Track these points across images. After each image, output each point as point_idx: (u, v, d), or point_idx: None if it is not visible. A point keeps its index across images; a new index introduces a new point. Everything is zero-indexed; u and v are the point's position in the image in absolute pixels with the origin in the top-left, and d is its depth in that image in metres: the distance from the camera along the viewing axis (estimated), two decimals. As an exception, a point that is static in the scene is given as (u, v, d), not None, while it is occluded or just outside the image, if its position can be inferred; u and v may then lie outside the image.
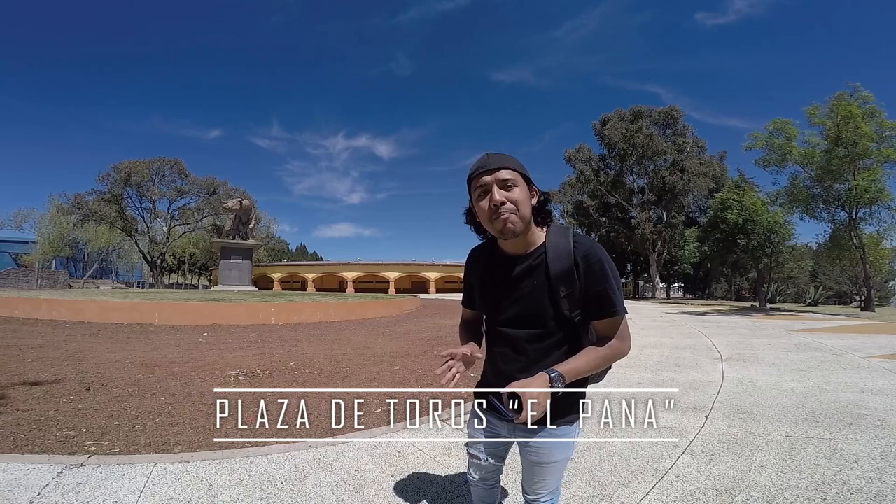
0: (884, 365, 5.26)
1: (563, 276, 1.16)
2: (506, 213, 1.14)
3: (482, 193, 1.18)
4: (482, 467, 1.42)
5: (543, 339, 1.21)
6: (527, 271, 1.21)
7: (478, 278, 1.32)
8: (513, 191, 1.15)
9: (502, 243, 1.25)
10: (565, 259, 1.17)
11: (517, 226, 1.15)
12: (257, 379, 4.97)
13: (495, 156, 1.19)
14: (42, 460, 2.49)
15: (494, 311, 1.29)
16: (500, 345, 1.29)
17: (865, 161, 16.05)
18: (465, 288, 1.44)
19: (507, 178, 1.15)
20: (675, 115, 31.50)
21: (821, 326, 9.94)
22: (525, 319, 1.22)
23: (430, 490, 2.23)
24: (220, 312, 11.78)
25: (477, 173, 1.18)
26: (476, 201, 1.20)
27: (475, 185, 1.19)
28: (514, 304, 1.23)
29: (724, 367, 5.25)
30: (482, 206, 1.18)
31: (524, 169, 1.20)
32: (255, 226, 28.37)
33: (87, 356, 6.28)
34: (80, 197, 40.18)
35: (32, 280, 35.40)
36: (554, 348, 1.21)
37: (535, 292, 1.19)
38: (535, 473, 1.32)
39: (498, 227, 1.16)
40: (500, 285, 1.26)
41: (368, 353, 6.81)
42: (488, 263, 1.29)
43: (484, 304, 1.33)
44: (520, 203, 1.15)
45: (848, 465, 2.48)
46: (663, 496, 2.16)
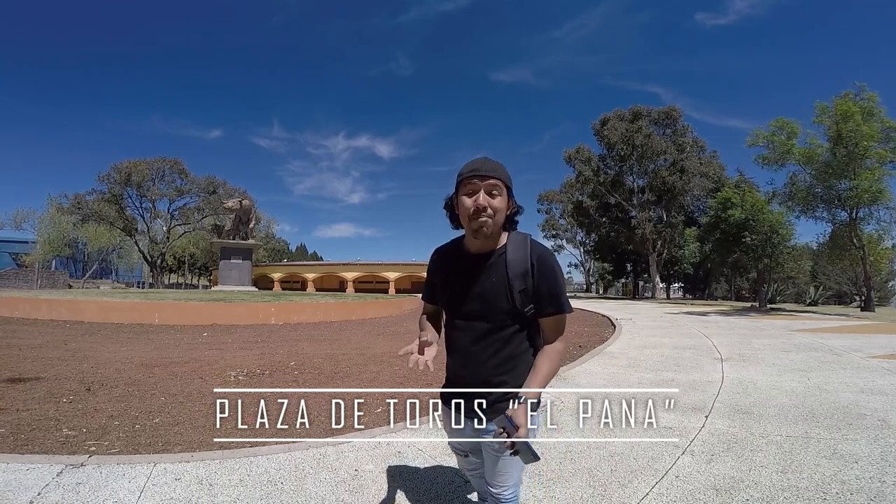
0: (884, 365, 5.26)
1: (519, 275, 1.30)
2: (485, 216, 1.27)
3: (469, 193, 1.29)
4: (466, 461, 1.57)
5: (499, 331, 1.33)
6: (487, 269, 1.33)
7: (443, 274, 1.43)
8: (496, 199, 1.28)
9: (469, 242, 1.37)
10: (523, 261, 1.31)
11: (491, 229, 1.29)
12: (257, 379, 4.97)
13: (489, 162, 1.30)
14: (42, 460, 2.49)
15: (455, 305, 1.38)
16: (459, 338, 1.39)
17: (867, 161, 16.04)
18: (427, 284, 1.54)
19: (494, 187, 1.27)
20: (675, 115, 31.48)
21: (821, 326, 9.94)
22: (484, 313, 1.33)
23: (430, 490, 2.23)
24: (220, 312, 11.78)
25: (469, 175, 1.28)
26: (461, 198, 1.31)
27: (465, 184, 1.29)
28: (475, 299, 1.34)
29: (724, 368, 5.24)
30: (466, 204, 1.29)
31: (510, 181, 1.32)
32: (255, 226, 28.35)
33: (87, 356, 6.28)
34: (81, 197, 40.18)
35: (32, 280, 35.37)
36: (509, 339, 1.33)
37: (495, 288, 1.31)
38: (500, 466, 1.38)
39: (474, 227, 1.29)
40: (462, 281, 1.36)
41: (368, 353, 6.81)
42: (454, 261, 1.41)
43: (446, 298, 1.42)
44: (498, 211, 1.28)
45: (848, 465, 2.48)
46: (663, 496, 2.16)
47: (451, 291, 1.39)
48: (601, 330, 9.73)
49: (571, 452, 2.72)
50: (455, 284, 1.38)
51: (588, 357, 6.08)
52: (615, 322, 10.58)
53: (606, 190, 32.56)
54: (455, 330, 1.40)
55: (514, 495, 1.42)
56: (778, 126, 17.48)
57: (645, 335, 8.37)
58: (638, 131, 29.93)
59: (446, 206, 1.40)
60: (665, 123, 31.57)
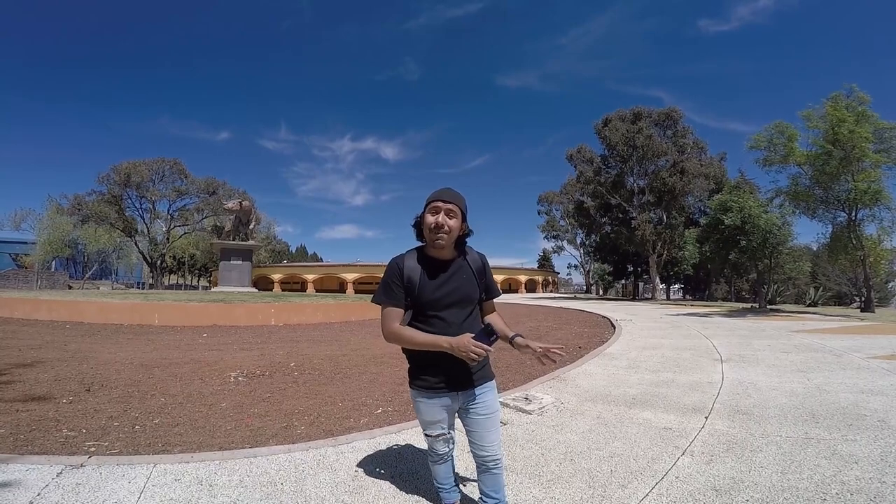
0: (884, 366, 5.26)
1: (479, 272, 1.84)
2: (442, 232, 1.68)
3: (433, 213, 1.69)
4: (448, 440, 1.85)
5: (470, 314, 1.78)
6: (458, 269, 1.78)
7: (417, 277, 1.72)
8: (452, 220, 1.70)
9: (430, 251, 1.76)
10: (479, 263, 1.86)
11: (445, 243, 1.70)
12: (257, 380, 4.97)
13: (451, 192, 1.74)
14: (42, 461, 2.49)
15: (435, 299, 1.71)
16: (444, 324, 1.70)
17: (863, 163, 16.05)
18: (395, 290, 1.73)
19: (451, 211, 1.70)
20: (676, 116, 31.46)
21: (821, 327, 9.93)
22: (462, 301, 1.75)
23: (430, 490, 2.23)
24: (220, 313, 11.78)
25: (434, 199, 1.71)
26: (426, 216, 1.72)
27: (431, 205, 1.70)
28: (455, 291, 1.74)
29: (723, 368, 5.24)
30: (429, 221, 1.70)
31: (465, 208, 1.75)
32: (255, 227, 28.30)
33: (86, 357, 6.28)
34: (80, 198, 40.13)
35: (32, 281, 35.33)
36: (475, 318, 1.81)
37: (469, 282, 1.79)
38: (487, 426, 1.77)
39: (433, 238, 1.70)
40: (438, 278, 1.73)
41: (368, 353, 6.80)
42: (425, 266, 1.74)
43: (424, 294, 1.71)
44: (453, 230, 1.71)
45: (848, 465, 2.47)
46: (663, 497, 2.16)
47: (431, 289, 1.71)
48: (601, 331, 9.72)
49: (571, 453, 2.72)
50: (434, 282, 1.72)
51: (588, 358, 6.08)
52: (615, 323, 10.58)
53: (607, 191, 32.54)
54: (438, 319, 1.71)
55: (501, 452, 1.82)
56: (778, 130, 17.50)
57: (645, 336, 8.36)
58: (639, 132, 29.92)
59: (414, 225, 1.77)
60: (666, 125, 31.56)
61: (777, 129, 17.51)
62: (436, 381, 1.73)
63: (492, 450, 1.77)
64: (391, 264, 1.77)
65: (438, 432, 1.81)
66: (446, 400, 1.76)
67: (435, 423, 1.80)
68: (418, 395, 1.79)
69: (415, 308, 1.74)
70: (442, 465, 1.94)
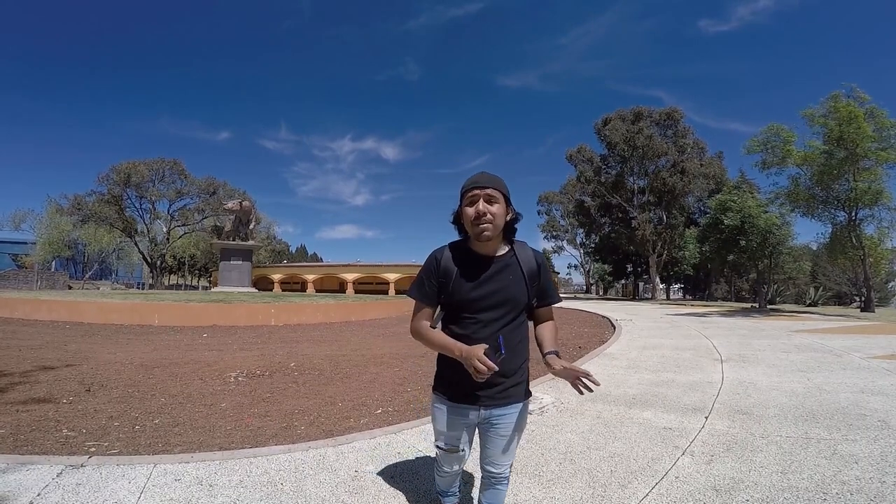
0: (884, 365, 5.25)
1: (532, 274, 1.57)
2: (485, 221, 1.46)
3: (471, 203, 1.48)
4: (459, 458, 1.68)
5: (513, 319, 1.54)
6: (503, 268, 1.54)
7: (456, 274, 1.53)
8: (494, 206, 1.47)
9: (475, 245, 1.54)
10: (532, 263, 1.58)
11: (492, 233, 1.48)
12: (257, 380, 4.97)
13: (487, 175, 1.51)
14: (42, 461, 2.49)
15: (470, 300, 1.51)
16: (481, 329, 1.50)
17: (865, 162, 16.03)
18: (426, 287, 1.57)
19: (492, 196, 1.47)
20: (676, 116, 31.46)
21: (821, 327, 9.93)
22: (503, 304, 1.52)
23: (430, 491, 2.23)
24: (220, 313, 11.78)
25: (470, 187, 1.49)
26: (464, 208, 1.51)
27: (467, 195, 1.50)
28: (497, 293, 1.52)
29: (723, 368, 5.24)
30: (469, 212, 1.48)
31: (507, 191, 1.52)
32: (255, 227, 28.32)
33: (86, 357, 6.28)
34: (80, 198, 40.12)
35: (32, 281, 35.31)
36: (520, 325, 1.58)
37: (515, 283, 1.54)
38: (506, 444, 1.59)
39: (477, 231, 1.48)
40: (478, 277, 1.52)
41: (368, 354, 6.80)
42: (464, 262, 1.54)
43: (459, 294, 1.52)
44: (497, 217, 1.48)
45: (848, 465, 2.47)
46: (663, 497, 2.16)
47: (468, 287, 1.51)
48: (601, 331, 9.72)
49: (571, 453, 2.72)
50: (472, 280, 1.52)
51: (588, 358, 6.08)
52: (615, 323, 10.57)
53: (607, 191, 32.55)
54: (472, 322, 1.51)
55: (510, 470, 1.68)
56: (772, 132, 17.49)
57: (645, 336, 8.36)
58: (639, 132, 29.93)
59: (453, 220, 1.58)
60: (666, 125, 31.56)
61: (772, 132, 17.51)
62: (459, 392, 1.55)
63: (502, 469, 1.63)
64: (429, 257, 1.60)
65: (450, 446, 1.65)
66: (466, 413, 1.56)
67: (448, 436, 1.63)
68: (438, 401, 1.63)
69: (447, 307, 1.57)
70: (447, 479, 1.82)
